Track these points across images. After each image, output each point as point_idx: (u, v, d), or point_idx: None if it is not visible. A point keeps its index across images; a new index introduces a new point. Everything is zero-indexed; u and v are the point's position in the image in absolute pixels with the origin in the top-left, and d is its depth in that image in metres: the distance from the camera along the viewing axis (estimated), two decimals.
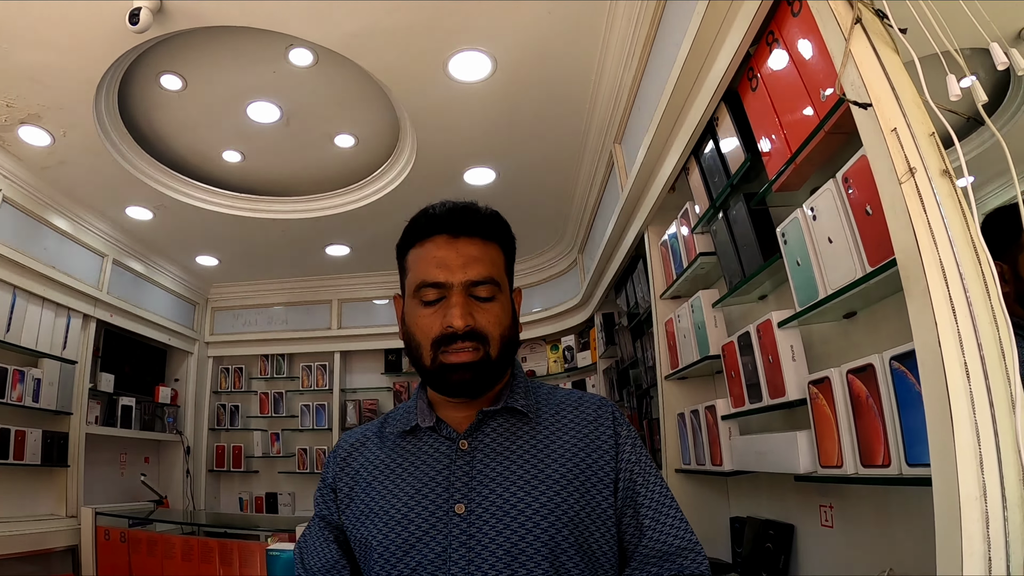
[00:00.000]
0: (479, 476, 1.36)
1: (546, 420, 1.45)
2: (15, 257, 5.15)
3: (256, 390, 8.59)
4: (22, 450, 5.23)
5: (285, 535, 4.63)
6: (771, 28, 2.25)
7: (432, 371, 1.40)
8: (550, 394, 1.53)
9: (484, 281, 1.41)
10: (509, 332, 1.44)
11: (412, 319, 1.45)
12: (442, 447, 1.42)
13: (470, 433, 1.41)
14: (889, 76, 1.62)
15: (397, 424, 1.50)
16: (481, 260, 1.42)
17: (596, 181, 5.09)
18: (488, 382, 1.40)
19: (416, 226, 1.49)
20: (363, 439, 1.54)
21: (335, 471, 1.51)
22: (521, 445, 1.40)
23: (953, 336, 1.36)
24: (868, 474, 1.75)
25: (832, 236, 1.91)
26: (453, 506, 1.32)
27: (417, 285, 1.43)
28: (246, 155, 5.58)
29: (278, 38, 3.91)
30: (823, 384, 1.94)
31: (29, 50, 3.77)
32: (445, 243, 1.44)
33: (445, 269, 1.40)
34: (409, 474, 1.41)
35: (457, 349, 1.36)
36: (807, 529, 2.51)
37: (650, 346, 4.10)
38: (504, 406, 1.43)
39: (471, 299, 1.40)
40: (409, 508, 1.35)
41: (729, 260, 2.76)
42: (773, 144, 2.30)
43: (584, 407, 1.48)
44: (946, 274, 1.40)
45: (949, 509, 1.30)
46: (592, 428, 1.44)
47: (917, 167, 1.48)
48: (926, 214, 1.45)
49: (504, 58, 3.89)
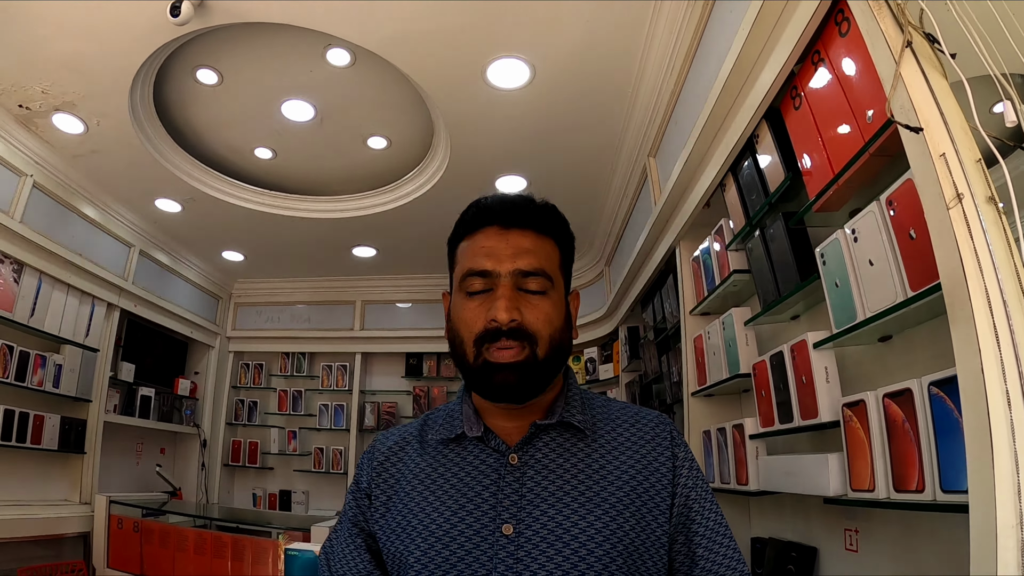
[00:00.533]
0: (529, 495, 1.26)
1: (602, 437, 1.36)
2: (43, 243, 5.19)
3: (275, 387, 8.62)
4: (40, 435, 5.27)
5: (298, 534, 4.63)
6: (817, 47, 2.24)
7: (475, 370, 1.31)
8: (605, 407, 1.44)
9: (535, 273, 1.32)
10: (560, 335, 1.33)
11: (456, 313, 1.36)
12: (490, 460, 1.33)
13: (521, 447, 1.32)
14: (938, 101, 1.60)
15: (440, 430, 1.41)
16: (533, 252, 1.34)
17: (628, 193, 5.08)
18: (534, 387, 1.30)
19: (467, 217, 1.43)
20: (402, 443, 1.45)
21: (370, 475, 1.42)
22: (576, 464, 1.31)
23: (996, 364, 1.35)
24: (901, 499, 1.73)
25: (873, 259, 1.89)
26: (500, 526, 1.23)
27: (463, 275, 1.35)
28: (278, 152, 5.61)
29: (316, 37, 3.93)
30: (858, 407, 1.93)
31: (68, 38, 3.80)
32: (496, 233, 1.36)
33: (493, 258, 1.33)
34: (453, 487, 1.31)
35: (502, 347, 1.27)
36: (831, 552, 2.48)
37: (676, 362, 4.08)
38: (559, 420, 1.34)
39: (520, 293, 1.31)
40: (452, 525, 1.26)
41: (764, 278, 2.75)
42: (815, 163, 2.29)
43: (642, 425, 1.40)
44: (991, 302, 1.39)
45: (985, 537, 1.29)
46: (650, 448, 1.36)
47: (964, 193, 1.47)
48: (972, 241, 1.44)
49: (542, 67, 3.90)
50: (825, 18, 2.14)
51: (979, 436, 1.35)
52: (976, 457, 1.36)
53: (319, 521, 4.35)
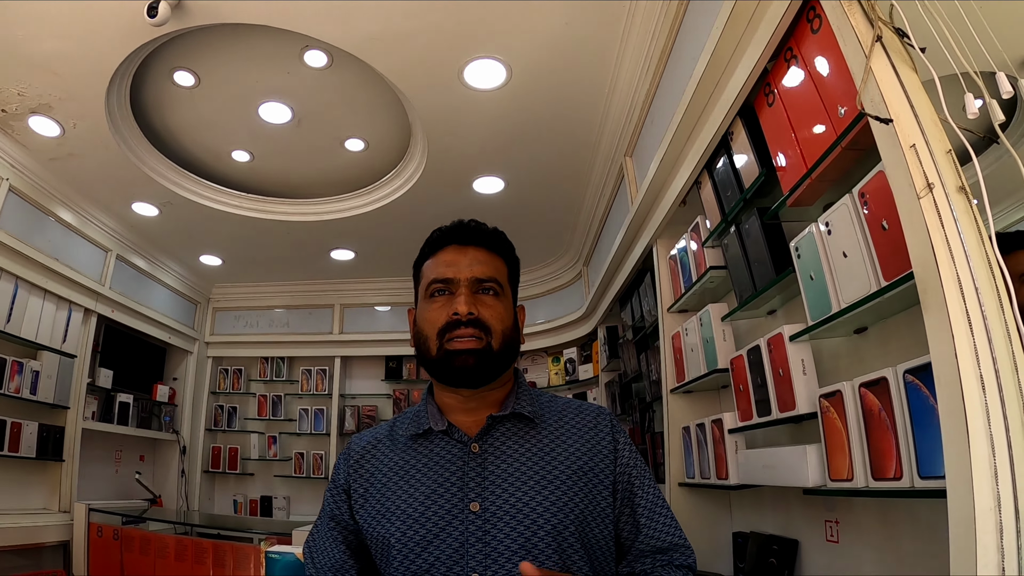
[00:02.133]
0: (491, 476, 1.48)
1: (550, 426, 1.58)
2: (19, 247, 5.14)
3: (255, 392, 8.55)
4: (17, 442, 5.21)
5: (278, 539, 4.62)
6: (790, 44, 2.27)
7: (437, 360, 1.52)
8: (551, 401, 1.67)
9: (488, 279, 1.57)
10: (511, 332, 1.58)
11: (422, 316, 1.59)
12: (454, 450, 1.53)
13: (480, 437, 1.53)
14: (908, 93, 1.64)
15: (409, 427, 1.61)
16: (487, 263, 1.59)
17: (605, 194, 5.10)
18: (489, 372, 1.52)
19: (429, 241, 1.67)
20: (374, 442, 1.65)
21: (347, 472, 1.61)
22: (529, 448, 1.52)
23: (969, 349, 1.37)
24: (879, 487, 1.75)
25: (847, 251, 1.92)
26: (468, 504, 1.44)
27: (428, 284, 1.59)
28: (255, 155, 5.59)
29: (294, 39, 3.92)
30: (834, 398, 1.95)
31: (44, 39, 3.78)
32: (455, 250, 1.61)
33: (453, 267, 1.57)
34: (423, 475, 1.51)
35: (461, 335, 1.49)
36: (812, 544, 2.50)
37: (655, 360, 4.10)
38: (512, 412, 1.55)
39: (476, 296, 1.55)
40: (426, 507, 1.46)
41: (740, 274, 2.77)
42: (788, 159, 2.31)
43: (584, 415, 1.63)
44: (963, 288, 1.42)
45: (964, 521, 1.31)
46: (593, 434, 1.58)
47: (935, 183, 1.50)
48: (943, 229, 1.47)
49: (519, 67, 3.92)
50: (797, 16, 2.16)
51: (955, 421, 1.36)
52: (952, 442, 1.38)
53: (300, 526, 4.34)
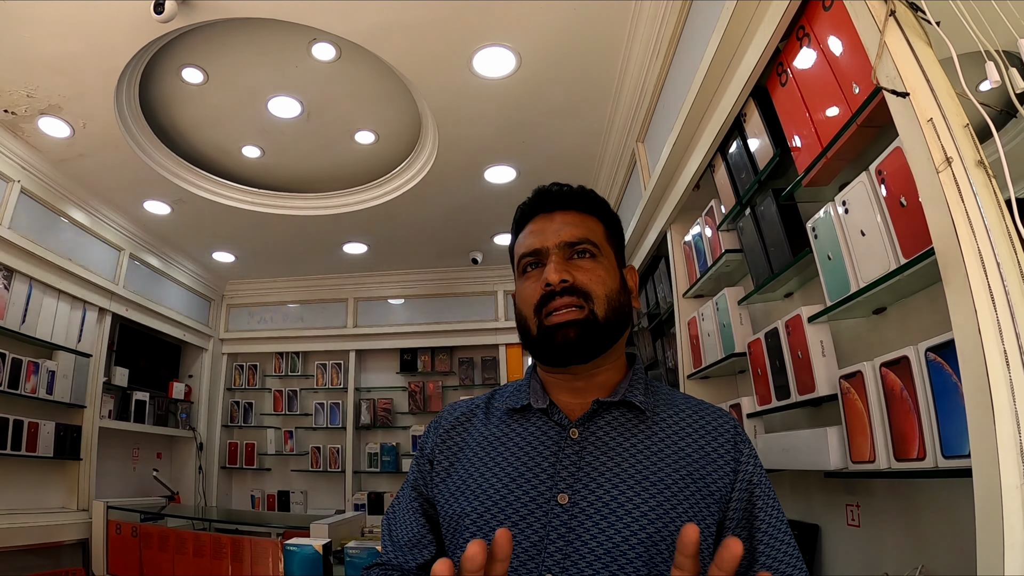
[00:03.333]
0: (586, 468, 1.31)
1: (663, 422, 1.38)
2: (32, 249, 5.16)
3: (270, 387, 8.60)
4: (35, 442, 5.24)
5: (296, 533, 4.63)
6: (802, 23, 2.24)
7: (537, 339, 1.39)
8: (669, 395, 1.47)
9: (581, 241, 1.41)
10: (618, 296, 1.40)
11: (518, 297, 1.46)
12: (551, 432, 1.38)
13: (582, 422, 1.36)
14: (923, 68, 1.61)
15: (507, 400, 1.47)
16: (577, 225, 1.43)
17: (617, 181, 5.08)
18: (595, 345, 1.37)
19: (516, 218, 1.54)
20: (469, 413, 1.52)
21: (435, 441, 1.49)
22: (635, 443, 1.34)
23: (992, 324, 1.36)
24: (902, 468, 1.73)
25: (865, 229, 1.89)
26: (556, 495, 1.28)
27: (519, 261, 1.47)
28: (266, 151, 5.59)
29: (301, 32, 3.92)
30: (855, 378, 1.93)
31: (51, 39, 3.77)
32: (541, 219, 1.47)
33: (540, 236, 1.43)
34: (512, 454, 1.37)
35: (559, 307, 1.34)
36: (833, 529, 2.48)
37: (671, 346, 4.08)
38: (622, 399, 1.38)
39: (570, 261, 1.40)
40: (509, 490, 1.32)
41: (756, 257, 2.74)
42: (803, 139, 2.28)
43: (704, 416, 1.42)
44: (984, 263, 1.40)
45: (990, 499, 1.29)
46: (711, 439, 1.37)
47: (953, 157, 1.48)
48: (963, 203, 1.45)
49: (528, 54, 3.89)
50: None
51: (979, 398, 1.35)
52: (977, 419, 1.36)
53: (318, 519, 4.35)
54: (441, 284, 8.22)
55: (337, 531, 3.88)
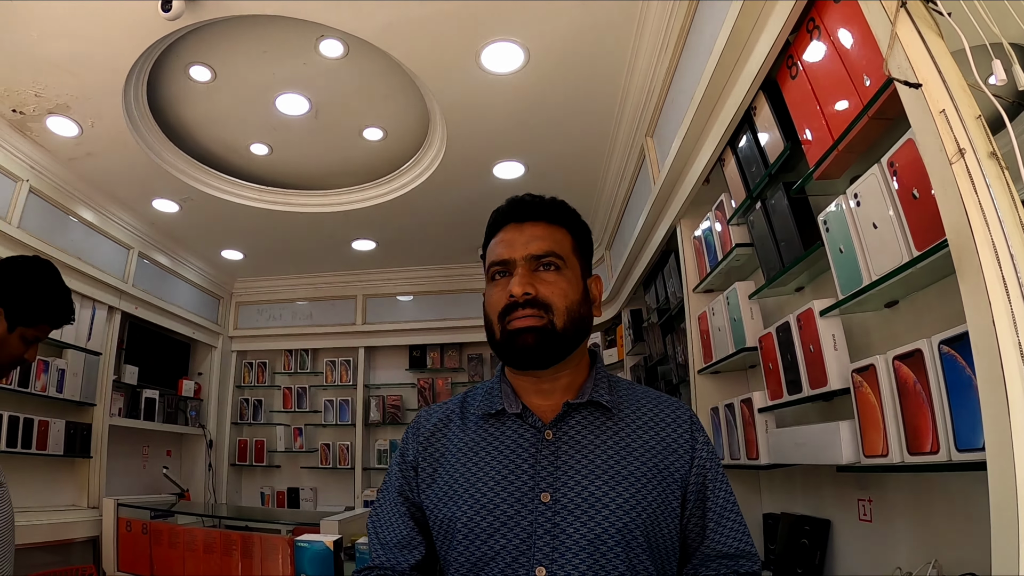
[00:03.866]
0: (563, 467, 1.41)
1: (627, 417, 1.50)
2: (41, 248, 5.14)
3: (279, 385, 8.61)
4: (45, 440, 5.27)
5: (307, 529, 4.63)
6: (812, 15, 2.23)
7: (500, 343, 1.47)
8: (630, 390, 1.59)
9: (546, 255, 1.49)
10: (578, 308, 1.49)
11: (487, 300, 1.53)
12: (527, 435, 1.47)
13: (555, 424, 1.46)
14: (935, 59, 1.60)
15: (481, 405, 1.55)
16: (544, 238, 1.51)
17: (626, 175, 5.05)
18: (553, 353, 1.45)
19: (489, 223, 1.61)
20: (445, 419, 1.59)
21: (416, 449, 1.57)
22: (605, 440, 1.45)
23: (1007, 317, 1.35)
24: (915, 462, 1.72)
25: (877, 221, 1.88)
26: (539, 494, 1.39)
27: (488, 267, 1.55)
28: (274, 148, 5.59)
29: (309, 29, 3.91)
30: (867, 372, 1.92)
31: (59, 39, 3.78)
32: (512, 228, 1.54)
33: (509, 247, 1.50)
34: (494, 459, 1.46)
35: (520, 316, 1.43)
36: (844, 524, 2.48)
37: (681, 341, 4.07)
38: (589, 399, 1.48)
39: (535, 274, 1.48)
40: (495, 493, 1.41)
41: (767, 251, 2.73)
42: (814, 132, 2.27)
43: (663, 408, 1.54)
44: (998, 254, 1.39)
45: (1005, 492, 1.29)
46: (671, 430, 1.50)
47: (966, 148, 1.48)
48: (976, 194, 1.45)
49: (537, 49, 3.88)
50: None
51: (994, 391, 1.34)
52: (991, 412, 1.36)
53: (328, 516, 4.35)
54: (450, 280, 8.21)
55: (347, 527, 3.88)
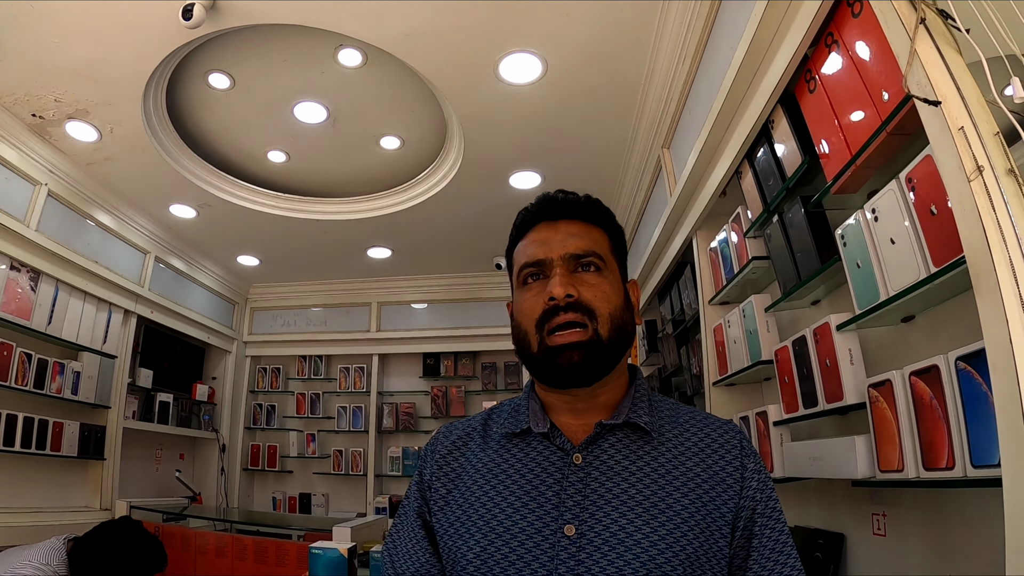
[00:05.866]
0: (593, 496, 1.23)
1: (668, 441, 1.32)
2: (59, 251, 5.23)
3: (293, 390, 8.65)
4: (59, 442, 5.30)
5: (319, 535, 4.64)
6: (830, 29, 2.23)
7: (538, 358, 1.31)
8: (673, 410, 1.40)
9: (587, 254, 1.34)
10: (621, 314, 1.34)
11: (517, 308, 1.38)
12: (554, 457, 1.30)
13: (586, 446, 1.29)
14: (954, 76, 1.61)
15: (505, 423, 1.40)
16: (582, 236, 1.37)
17: (642, 186, 5.06)
18: (599, 368, 1.30)
19: (517, 222, 1.47)
20: (465, 436, 1.45)
21: (433, 468, 1.41)
22: (641, 467, 1.27)
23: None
24: (931, 477, 1.72)
25: (895, 237, 1.88)
26: (563, 526, 1.20)
27: (519, 271, 1.39)
28: (291, 155, 5.63)
29: (327, 38, 3.94)
30: (884, 387, 1.92)
31: (80, 45, 3.82)
32: (545, 227, 1.40)
33: (544, 246, 1.36)
34: (515, 483, 1.30)
35: (563, 324, 1.27)
36: (858, 538, 2.47)
37: (696, 353, 4.07)
38: (625, 420, 1.31)
39: (575, 275, 1.33)
40: (513, 522, 1.24)
41: (784, 264, 2.73)
42: (832, 146, 2.28)
43: (710, 430, 1.35)
44: (1016, 272, 1.39)
45: (1020, 510, 1.29)
46: (719, 457, 1.31)
47: (985, 165, 1.48)
48: (995, 212, 1.44)
49: (555, 61, 3.90)
50: (837, 0, 2.13)
51: (1010, 408, 1.34)
52: (1008, 429, 1.35)
53: (340, 522, 4.36)
54: (465, 289, 8.24)
55: (359, 534, 3.89)
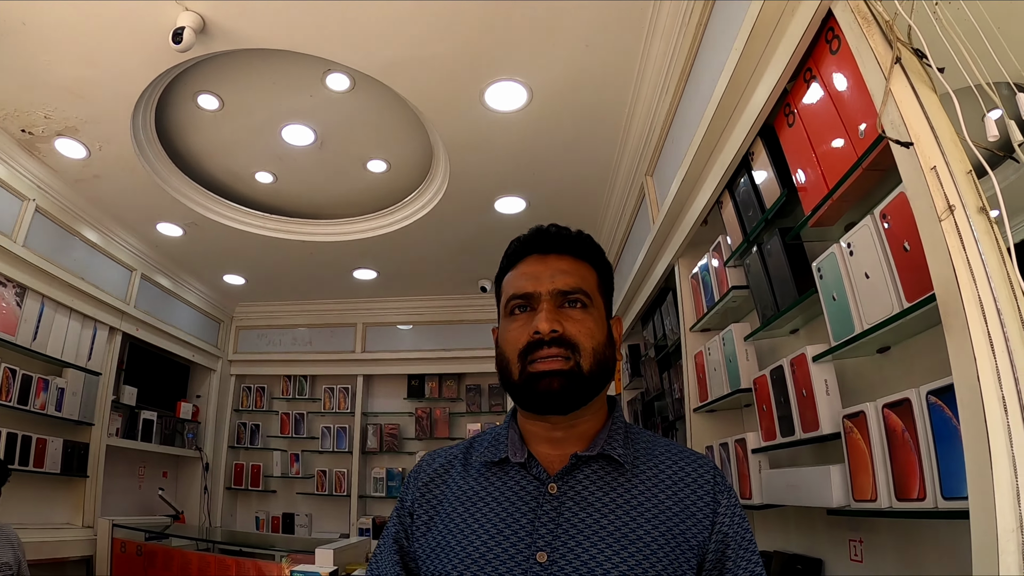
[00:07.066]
0: (565, 525, 1.27)
1: (642, 473, 1.35)
2: (45, 267, 5.23)
3: (277, 410, 8.63)
4: (42, 458, 5.29)
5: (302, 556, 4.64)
6: (809, 65, 2.27)
7: (519, 385, 1.34)
8: (650, 443, 1.44)
9: (574, 291, 1.37)
10: (604, 350, 1.37)
11: (502, 336, 1.42)
12: (530, 487, 1.34)
13: (561, 477, 1.33)
14: (928, 115, 1.63)
15: (485, 452, 1.43)
16: (571, 273, 1.40)
17: (626, 213, 5.11)
18: (577, 397, 1.33)
19: (509, 251, 1.50)
20: (447, 464, 1.48)
21: (415, 495, 1.45)
22: (614, 498, 1.30)
23: (991, 371, 1.37)
24: (903, 508, 1.75)
25: (869, 271, 1.92)
26: (535, 553, 1.24)
27: (508, 300, 1.42)
28: (278, 177, 5.65)
29: (316, 62, 3.97)
30: (858, 418, 1.95)
31: (70, 64, 3.85)
32: (536, 260, 1.44)
33: (534, 280, 1.39)
34: (492, 511, 1.33)
35: (545, 356, 1.31)
36: (836, 564, 2.49)
37: (677, 378, 4.09)
38: (600, 452, 1.34)
39: (561, 310, 1.36)
40: (488, 548, 1.28)
41: (763, 294, 2.77)
42: (809, 179, 2.31)
43: (683, 464, 1.38)
44: (984, 310, 1.41)
45: (987, 542, 1.31)
46: (691, 491, 1.33)
47: (956, 205, 1.50)
48: (965, 251, 1.47)
49: (540, 89, 3.95)
50: (816, 36, 2.16)
51: (977, 443, 1.37)
52: (975, 463, 1.38)
53: (323, 544, 4.36)
54: (450, 311, 8.26)
55: (342, 556, 3.89)
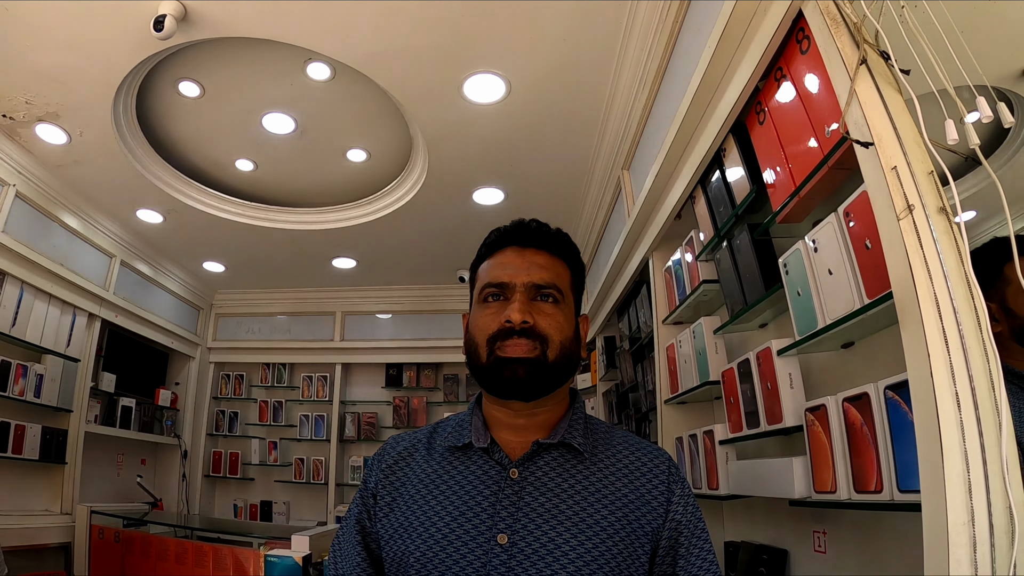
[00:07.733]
0: (526, 508, 1.32)
1: (600, 462, 1.41)
2: (25, 252, 5.21)
3: (256, 398, 8.64)
4: (21, 444, 5.27)
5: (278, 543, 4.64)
6: (780, 64, 2.30)
7: (486, 368, 1.39)
8: (608, 434, 1.50)
9: (548, 286, 1.42)
10: (570, 344, 1.43)
11: (473, 322, 1.46)
12: (492, 471, 1.39)
13: (522, 462, 1.38)
14: (891, 116, 1.66)
15: (449, 437, 1.48)
16: (547, 268, 1.45)
17: (603, 206, 5.14)
18: (542, 386, 1.39)
19: (488, 240, 1.55)
20: (411, 448, 1.52)
21: (377, 477, 1.49)
22: (572, 484, 1.36)
23: (945, 367, 1.40)
24: (861, 499, 1.78)
25: (832, 268, 1.95)
26: (496, 535, 1.29)
27: (482, 288, 1.47)
28: (259, 164, 5.65)
29: (297, 51, 3.97)
30: (819, 411, 1.98)
31: (52, 50, 3.84)
32: (513, 252, 1.48)
33: (510, 271, 1.44)
34: (454, 493, 1.37)
35: (514, 344, 1.36)
36: (800, 554, 2.53)
37: (651, 370, 4.12)
38: (560, 440, 1.40)
39: (533, 303, 1.41)
40: (451, 529, 1.32)
41: (732, 288, 2.80)
42: (778, 176, 2.34)
43: (640, 455, 1.45)
44: (940, 308, 1.44)
45: (937, 534, 1.34)
46: (646, 480, 1.40)
47: (915, 204, 1.53)
48: (922, 250, 1.50)
49: (518, 82, 3.97)
50: (787, 36, 2.19)
51: (930, 437, 1.39)
52: (927, 457, 1.41)
53: (300, 530, 4.37)
54: (428, 301, 8.28)
55: (318, 543, 3.90)
